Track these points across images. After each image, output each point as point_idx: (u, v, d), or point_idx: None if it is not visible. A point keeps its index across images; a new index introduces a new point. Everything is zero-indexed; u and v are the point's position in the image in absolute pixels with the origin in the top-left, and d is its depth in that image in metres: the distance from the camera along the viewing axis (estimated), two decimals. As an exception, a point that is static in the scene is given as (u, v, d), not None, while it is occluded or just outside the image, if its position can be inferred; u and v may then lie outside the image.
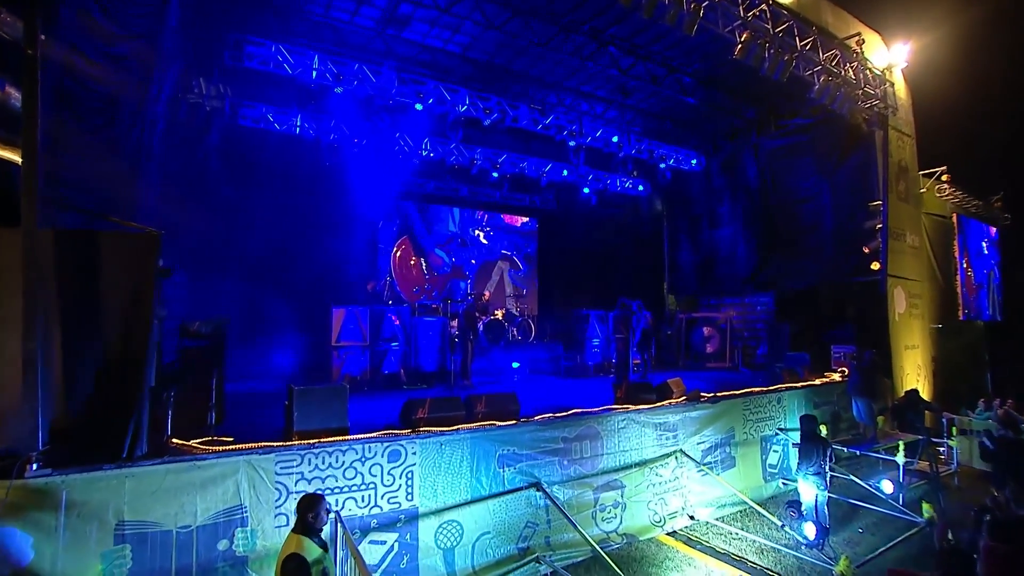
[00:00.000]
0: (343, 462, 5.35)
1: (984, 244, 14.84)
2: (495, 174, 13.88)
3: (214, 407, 5.21)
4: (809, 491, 7.33)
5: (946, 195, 13.50)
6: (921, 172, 13.50)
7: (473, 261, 16.23)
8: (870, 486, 8.37)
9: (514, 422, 6.58)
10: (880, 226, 12.06)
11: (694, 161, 14.87)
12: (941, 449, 10.53)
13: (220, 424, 5.93)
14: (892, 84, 10.76)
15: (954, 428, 10.34)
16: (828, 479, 7.32)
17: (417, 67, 11.04)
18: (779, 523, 7.17)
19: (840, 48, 9.48)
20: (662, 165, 14.27)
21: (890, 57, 11.71)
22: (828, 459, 7.35)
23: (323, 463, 5.26)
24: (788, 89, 13.08)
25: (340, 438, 5.47)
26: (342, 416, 5.65)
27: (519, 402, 6.90)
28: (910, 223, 12.94)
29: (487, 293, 14.09)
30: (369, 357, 9.93)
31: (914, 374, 12.45)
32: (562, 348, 12.42)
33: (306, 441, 5.28)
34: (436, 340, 10.65)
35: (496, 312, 13.02)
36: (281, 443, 5.11)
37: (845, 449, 9.51)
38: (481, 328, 12.22)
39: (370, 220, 12.83)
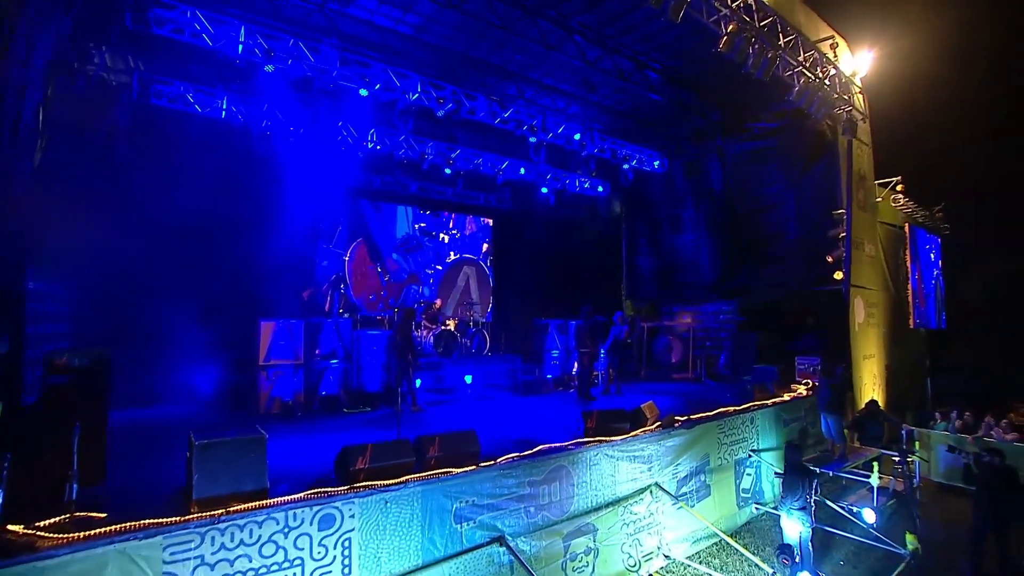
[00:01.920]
0: (259, 536, 4.17)
1: (931, 254, 15.02)
2: (448, 170, 12.74)
3: (76, 475, 3.88)
4: (793, 528, 6.72)
5: (901, 205, 13.47)
6: (876, 182, 13.41)
7: (439, 267, 15.01)
8: (848, 512, 7.90)
9: (473, 468, 5.55)
10: (843, 235, 11.78)
11: (657, 163, 14.25)
12: (897, 460, 10.32)
13: (98, 483, 4.62)
14: (862, 91, 10.39)
15: (917, 442, 10.12)
16: (813, 513, 6.71)
17: (363, 48, 9.73)
18: (770, 571, 6.48)
19: (816, 51, 8.94)
20: (625, 166, 13.55)
21: (854, 64, 11.39)
22: (814, 491, 6.76)
23: (232, 540, 4.06)
24: (754, 91, 12.62)
25: (256, 505, 4.27)
26: (259, 474, 4.46)
27: (479, 441, 5.86)
28: (868, 232, 12.80)
29: (439, 302, 12.94)
30: (304, 377, 8.63)
31: (871, 383, 12.32)
32: (520, 361, 11.45)
33: (209, 513, 4.06)
34: (381, 356, 9.46)
35: (448, 322, 11.92)
36: (172, 521, 3.86)
37: (817, 469, 9.02)
38: (431, 339, 11.10)
39: (309, 220, 11.36)
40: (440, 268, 15.14)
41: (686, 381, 12.98)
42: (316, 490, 4.66)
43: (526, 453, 6.13)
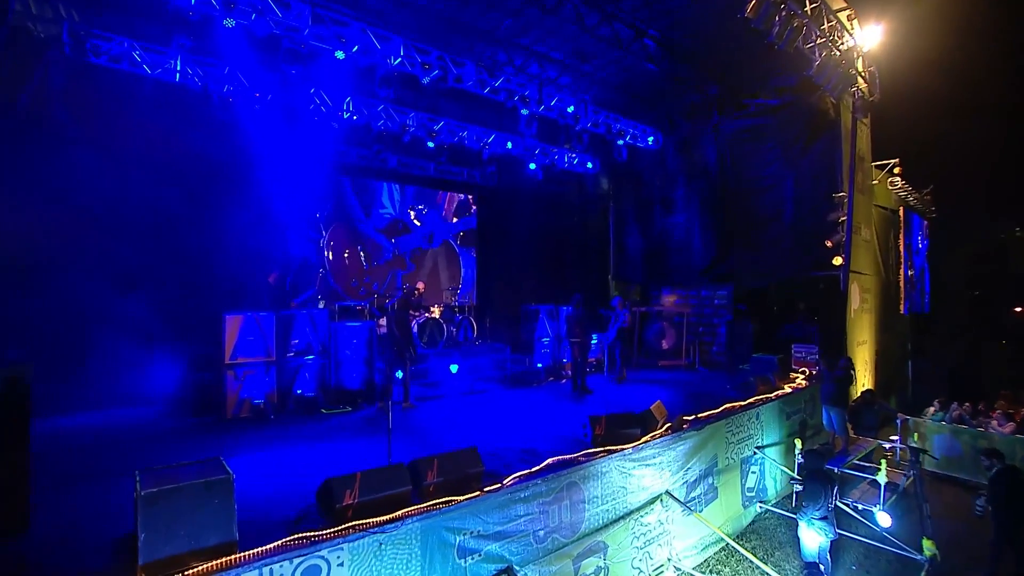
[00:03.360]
0: (227, 602, 3.35)
1: (920, 238, 14.77)
2: (431, 143, 11.68)
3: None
4: (813, 539, 6.26)
5: (898, 188, 13.04)
6: (873, 163, 12.94)
7: (422, 248, 14.02)
8: (854, 510, 7.53)
9: (479, 494, 4.80)
10: (843, 219, 11.28)
11: (651, 139, 13.44)
12: (887, 447, 10.09)
13: (18, 536, 3.73)
14: (876, 68, 9.73)
15: (915, 435, 9.87)
16: (835, 522, 6.25)
17: (339, 4, 8.54)
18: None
19: (837, 20, 8.19)
20: (620, 141, 12.69)
21: (860, 38, 10.70)
22: (835, 498, 6.29)
23: (192, 611, 3.24)
24: (755, 66, 11.97)
25: (223, 563, 3.45)
26: (226, 523, 3.62)
27: (481, 460, 5.12)
28: (864, 216, 12.38)
29: (421, 285, 12.01)
30: (276, 376, 7.71)
31: (863, 370, 12.06)
32: (509, 350, 10.71)
33: (161, 581, 3.22)
34: (361, 350, 8.57)
35: (432, 309, 11.05)
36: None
37: (836, 470, 8.64)
38: (415, 328, 10.24)
39: (278, 198, 10.18)
40: (423, 249, 14.16)
41: (679, 368, 12.49)
42: (297, 536, 3.85)
43: (534, 470, 5.43)
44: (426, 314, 10.42)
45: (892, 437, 10.56)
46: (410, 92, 10.67)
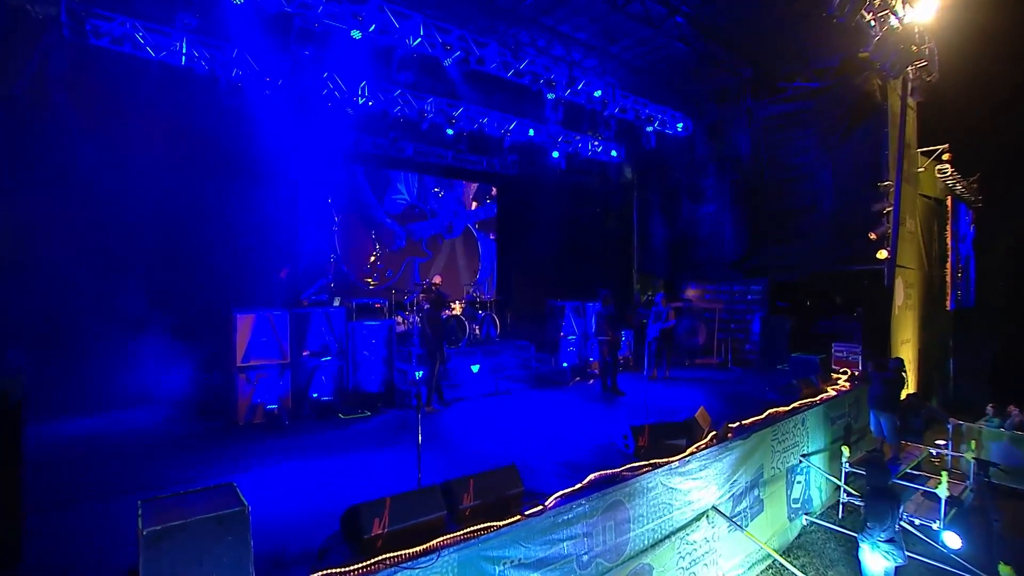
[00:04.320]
0: (243, 656, 2.92)
1: (967, 229, 14.03)
2: (450, 130, 11.14)
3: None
4: (878, 564, 5.71)
5: (947, 176, 12.28)
6: (919, 150, 12.22)
7: (441, 239, 13.58)
8: (913, 527, 6.98)
9: (519, 518, 4.34)
10: (889, 209, 10.63)
11: (680, 125, 12.78)
12: (934, 452, 9.52)
13: (9, 570, 3.32)
14: (935, 44, 9.01)
15: (972, 442, 9.25)
16: (903, 545, 5.72)
17: (353, -20, 8.00)
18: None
19: (896, -8, 7.53)
20: (649, 128, 12.07)
21: (917, 12, 9.97)
22: (902, 518, 5.76)
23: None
24: (793, 46, 11.29)
25: (237, 612, 3.00)
26: (241, 564, 3.16)
27: (520, 478, 4.64)
28: (909, 206, 11.69)
29: (438, 278, 11.53)
30: (291, 379, 7.28)
31: (908, 371, 11.42)
32: (534, 348, 10.22)
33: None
34: (380, 349, 8.13)
35: (453, 305, 10.58)
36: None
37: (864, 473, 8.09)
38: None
39: (290, 188, 9.73)
40: (443, 238, 13.70)
41: (710, 367, 11.94)
42: (321, 574, 3.40)
43: (576, 488, 4.96)
44: (447, 312, 9.94)
45: (938, 441, 9.99)
46: (428, 77, 10.13)
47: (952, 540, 6.40)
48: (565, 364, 10.64)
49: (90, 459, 5.52)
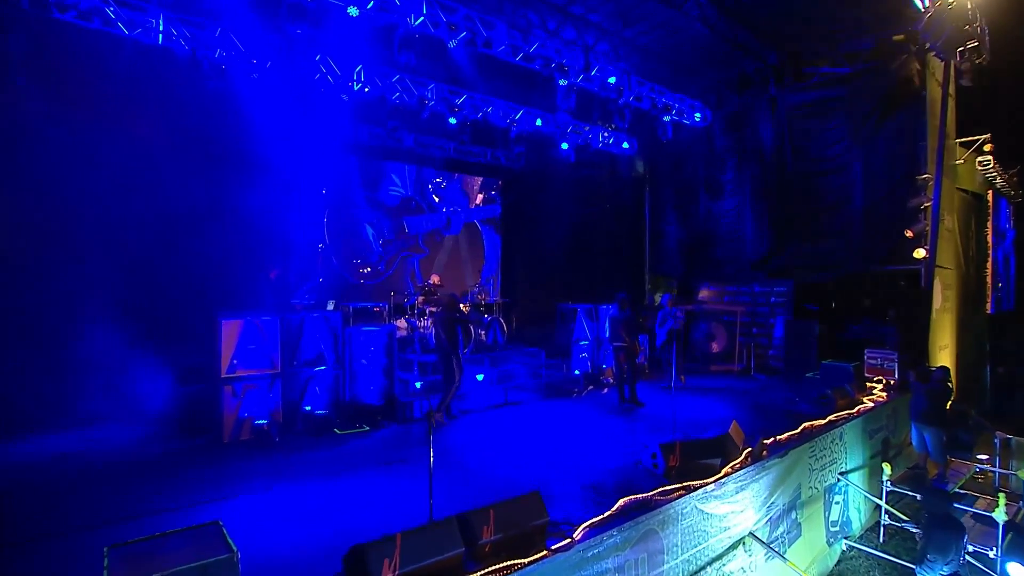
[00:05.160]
0: None
1: (1007, 225, 13.72)
2: (453, 119, 10.79)
3: None
4: (939, 597, 5.38)
5: (988, 168, 11.95)
6: (957, 140, 11.90)
7: (440, 236, 13.23)
8: (972, 558, 6.64)
9: (545, 554, 3.99)
10: (927, 205, 10.33)
11: (698, 115, 12.46)
12: (978, 471, 9.21)
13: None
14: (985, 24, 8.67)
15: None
16: (964, 577, 5.40)
17: (349, -48, 7.63)
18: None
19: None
20: (666, 118, 11.73)
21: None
22: (966, 549, 5.43)
23: None
24: (822, 27, 10.98)
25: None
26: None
27: (545, 507, 4.29)
28: (947, 201, 11.36)
29: (436, 278, 11.20)
30: (282, 390, 6.93)
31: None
32: (544, 355, 9.88)
33: None
34: (380, 358, 7.78)
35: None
36: None
37: (919, 497, 7.75)
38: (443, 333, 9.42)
39: (279, 181, 9.34)
40: (442, 234, 13.35)
41: (731, 374, 11.62)
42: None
43: (605, 516, 4.62)
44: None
45: (980, 456, 9.68)
46: (429, 61, 9.77)
47: (1018, 572, 6.06)
48: (577, 372, 10.31)
49: (56, 484, 5.15)
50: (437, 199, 13.31)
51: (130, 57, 7.53)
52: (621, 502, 4.86)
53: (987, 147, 11.68)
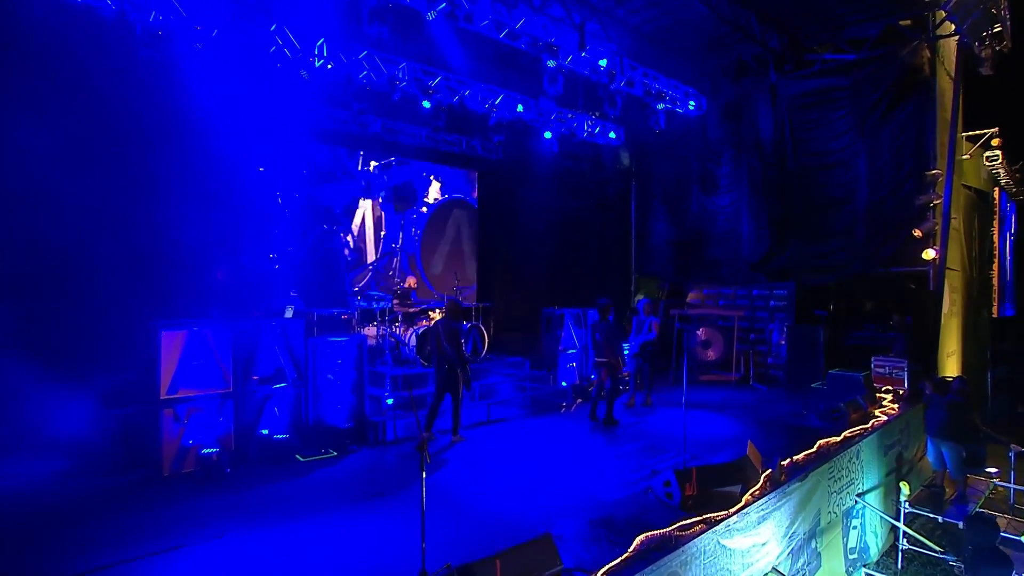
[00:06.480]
0: None
1: (1011, 225, 14.02)
2: (426, 103, 10.30)
3: None
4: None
5: (996, 165, 12.14)
6: (963, 134, 12.07)
7: (414, 232, 12.69)
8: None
9: (562, 611, 3.61)
10: (936, 202, 10.40)
11: (692, 103, 12.29)
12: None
13: None
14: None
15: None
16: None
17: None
18: None
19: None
20: (660, 106, 11.50)
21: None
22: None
23: None
24: (827, 10, 10.92)
25: None
26: None
27: (557, 552, 3.92)
28: (954, 199, 11.50)
29: (412, 280, 10.73)
30: (234, 413, 6.38)
31: (949, 388, 11.25)
32: (528, 365, 9.52)
33: None
34: (349, 372, 7.28)
35: (431, 313, 9.78)
36: None
37: (940, 519, 7.71)
38: (413, 340, 8.97)
39: (228, 169, 8.65)
40: (416, 235, 12.84)
41: (728, 385, 11.50)
42: None
43: (623, 559, 4.28)
44: (426, 322, 9.13)
45: (990, 470, 9.77)
46: (401, 36, 9.26)
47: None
48: (564, 383, 10.03)
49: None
50: (406, 194, 12.79)
51: (42, 17, 6.82)
52: (638, 540, 4.54)
53: (995, 142, 11.86)
